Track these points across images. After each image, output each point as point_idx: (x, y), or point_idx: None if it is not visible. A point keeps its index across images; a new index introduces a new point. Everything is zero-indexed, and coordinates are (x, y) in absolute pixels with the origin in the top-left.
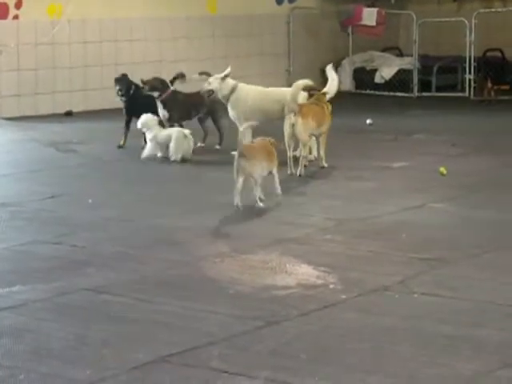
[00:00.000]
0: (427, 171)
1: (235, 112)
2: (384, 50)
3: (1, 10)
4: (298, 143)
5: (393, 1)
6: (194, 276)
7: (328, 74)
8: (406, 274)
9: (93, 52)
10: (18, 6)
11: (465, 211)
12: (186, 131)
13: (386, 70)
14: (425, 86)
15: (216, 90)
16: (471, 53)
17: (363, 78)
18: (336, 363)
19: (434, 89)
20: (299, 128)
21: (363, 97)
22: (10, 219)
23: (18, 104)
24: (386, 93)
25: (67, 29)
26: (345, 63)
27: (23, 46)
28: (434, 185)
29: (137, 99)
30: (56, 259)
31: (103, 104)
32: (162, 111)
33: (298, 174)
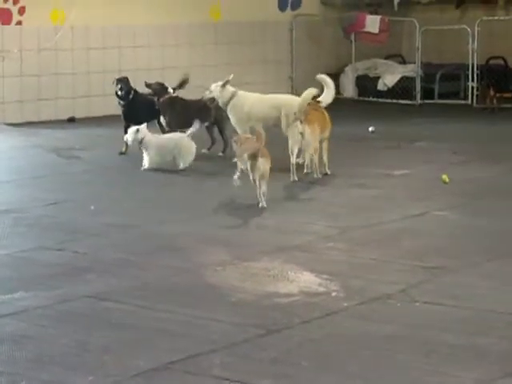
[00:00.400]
0: (429, 179)
1: (233, 118)
2: (387, 58)
3: (4, 16)
4: (300, 150)
5: (396, 8)
6: (196, 283)
7: (323, 83)
8: (408, 282)
9: (96, 58)
10: (22, 12)
11: (467, 219)
12: (188, 137)
13: (389, 78)
14: (427, 93)
15: (217, 97)
16: (474, 60)
17: (366, 85)
18: (338, 371)
19: (436, 96)
20: (308, 136)
21: (366, 104)
22: (13, 225)
23: (20, 110)
24: (389, 100)
25: (70, 35)
26: (348, 70)
27: (26, 51)
28: (437, 193)
29: (135, 105)
30: (58, 266)
31: (106, 110)
32: (161, 116)
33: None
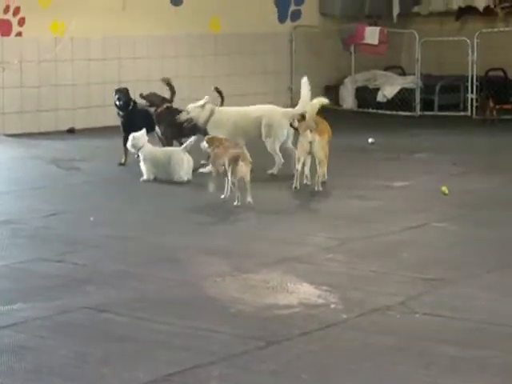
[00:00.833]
0: (429, 190)
1: (216, 134)
2: (386, 69)
3: (4, 27)
4: (306, 159)
5: (395, 20)
6: (195, 295)
7: (302, 92)
8: (408, 293)
9: (96, 69)
10: (21, 23)
11: (467, 231)
12: (185, 151)
13: (389, 89)
14: (427, 104)
15: (195, 118)
16: (473, 72)
17: (365, 96)
18: (337, 383)
19: (436, 108)
20: (317, 145)
21: (365, 115)
22: (12, 236)
23: (20, 121)
24: (389, 112)
25: (70, 46)
26: (347, 82)
27: (26, 63)
28: (436, 204)
29: (135, 116)
30: (57, 277)
31: (106, 121)
32: (156, 127)
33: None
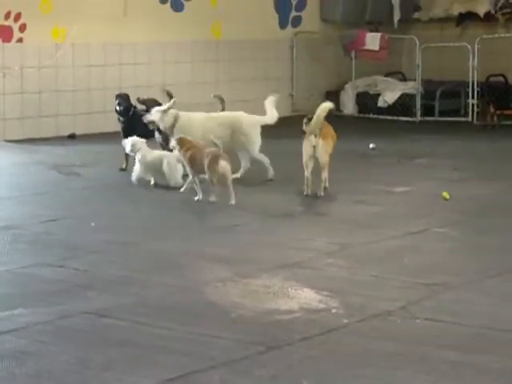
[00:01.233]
0: (430, 196)
1: None
2: (387, 75)
3: (5, 33)
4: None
5: (396, 26)
6: (196, 300)
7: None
8: (409, 299)
9: (96, 75)
10: (22, 29)
11: (468, 236)
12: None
13: (389, 95)
14: (428, 110)
15: (157, 121)
16: (474, 78)
17: (366, 102)
18: None
19: (437, 113)
20: (321, 150)
21: (366, 121)
22: (13, 242)
23: (21, 127)
24: (389, 117)
25: (71, 52)
26: (348, 87)
27: (27, 69)
28: (437, 209)
29: (135, 121)
30: (58, 282)
31: (106, 127)
32: (156, 133)
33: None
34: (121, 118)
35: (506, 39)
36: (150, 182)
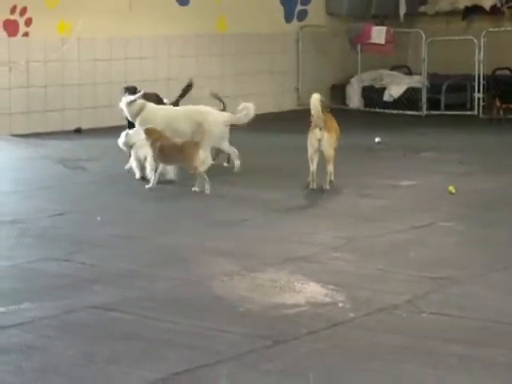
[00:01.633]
0: (436, 189)
1: None
2: (393, 69)
3: (11, 28)
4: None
5: (402, 19)
6: (203, 294)
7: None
8: (415, 292)
9: (102, 69)
10: (28, 23)
11: (474, 230)
12: None
13: (395, 89)
14: (434, 104)
15: (124, 110)
16: (480, 71)
17: (372, 96)
18: (344, 382)
19: (442, 107)
20: (326, 143)
21: (372, 115)
22: (20, 236)
23: (27, 121)
24: (395, 111)
25: (77, 46)
26: (353, 81)
27: (33, 63)
28: (443, 203)
29: None
30: (65, 277)
31: (112, 121)
32: None
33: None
34: None
35: None
36: (136, 175)
